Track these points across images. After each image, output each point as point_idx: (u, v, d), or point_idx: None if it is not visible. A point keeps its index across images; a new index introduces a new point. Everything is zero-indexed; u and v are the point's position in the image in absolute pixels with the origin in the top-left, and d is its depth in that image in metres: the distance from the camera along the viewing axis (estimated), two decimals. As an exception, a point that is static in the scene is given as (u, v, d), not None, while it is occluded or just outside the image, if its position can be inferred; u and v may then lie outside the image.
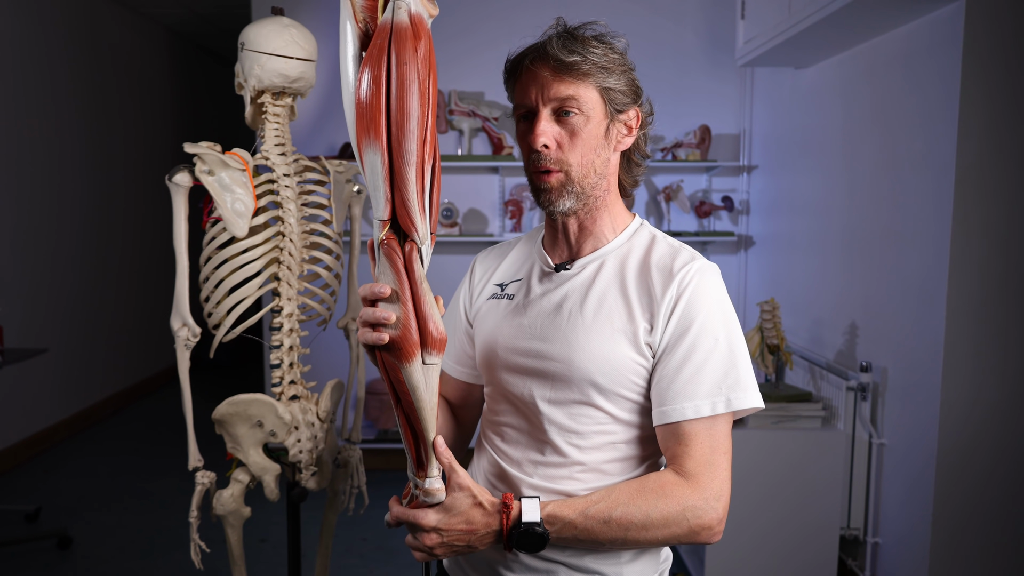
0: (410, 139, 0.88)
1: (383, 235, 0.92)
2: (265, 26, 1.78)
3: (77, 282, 4.73)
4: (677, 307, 1.06)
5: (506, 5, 3.87)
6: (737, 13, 3.15)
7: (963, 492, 2.23)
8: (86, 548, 3.11)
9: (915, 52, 2.39)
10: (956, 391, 2.20)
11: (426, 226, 0.92)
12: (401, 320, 0.92)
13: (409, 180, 0.89)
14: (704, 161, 3.82)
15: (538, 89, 1.08)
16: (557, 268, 1.16)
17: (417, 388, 0.94)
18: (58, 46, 4.51)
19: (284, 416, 1.77)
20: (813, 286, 3.15)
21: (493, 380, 1.18)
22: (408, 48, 0.87)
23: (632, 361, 1.07)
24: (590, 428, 1.09)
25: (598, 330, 1.08)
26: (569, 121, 1.08)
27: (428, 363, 0.94)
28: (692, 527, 1.01)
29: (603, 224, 1.15)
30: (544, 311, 1.13)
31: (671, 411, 1.04)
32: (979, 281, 2.18)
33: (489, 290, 1.22)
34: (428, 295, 0.94)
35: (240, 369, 5.92)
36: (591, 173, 1.10)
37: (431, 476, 0.99)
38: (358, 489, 2.05)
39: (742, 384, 1.05)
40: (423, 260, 0.94)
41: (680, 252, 1.12)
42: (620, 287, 1.11)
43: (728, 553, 2.57)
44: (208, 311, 1.78)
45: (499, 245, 1.29)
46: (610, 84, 1.09)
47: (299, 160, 1.86)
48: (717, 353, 1.05)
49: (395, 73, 0.87)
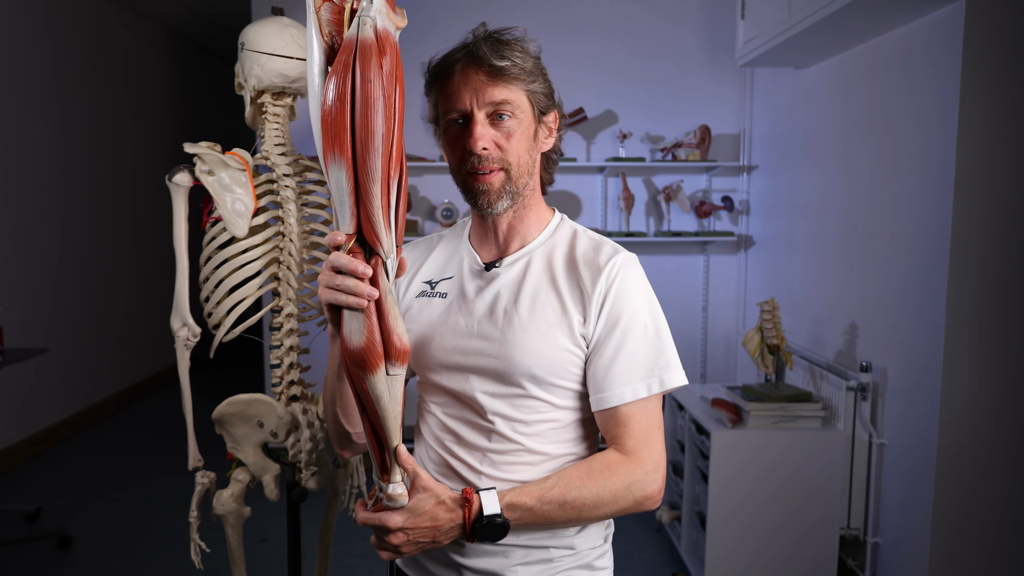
0: (375, 156, 0.88)
1: (348, 249, 0.93)
2: (265, 26, 1.79)
3: (77, 282, 4.73)
4: (607, 299, 1.12)
5: (506, 5, 3.87)
6: (737, 13, 3.15)
7: (963, 492, 2.23)
8: (86, 548, 3.11)
9: (915, 52, 2.39)
10: (956, 391, 2.20)
11: (391, 240, 0.94)
12: (366, 333, 0.93)
13: (374, 196, 0.90)
14: (704, 161, 3.82)
15: (472, 94, 1.11)
16: (487, 267, 1.20)
17: (381, 398, 0.96)
18: (60, 46, 4.51)
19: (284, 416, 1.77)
20: (813, 286, 3.15)
21: (431, 377, 1.20)
22: (373, 65, 0.87)
23: (568, 352, 1.13)
24: (533, 416, 1.14)
25: (534, 326, 1.13)
26: (504, 124, 1.12)
27: (392, 374, 0.95)
28: (636, 499, 1.10)
29: (529, 222, 1.20)
30: (479, 310, 1.17)
31: (610, 396, 1.11)
32: (979, 281, 2.18)
33: (417, 287, 1.24)
34: (393, 308, 0.95)
35: (240, 369, 5.92)
36: (524, 173, 1.15)
37: (394, 481, 1.01)
38: (358, 489, 2.05)
39: (671, 365, 1.13)
40: (388, 273, 0.95)
41: (603, 246, 1.18)
42: (551, 282, 1.16)
43: (728, 553, 2.57)
44: (208, 311, 1.78)
45: (421, 239, 1.31)
46: (535, 88, 1.14)
47: (299, 160, 1.86)
48: (647, 339, 1.13)
49: (359, 90, 0.87)
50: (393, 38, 0.89)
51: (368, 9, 0.87)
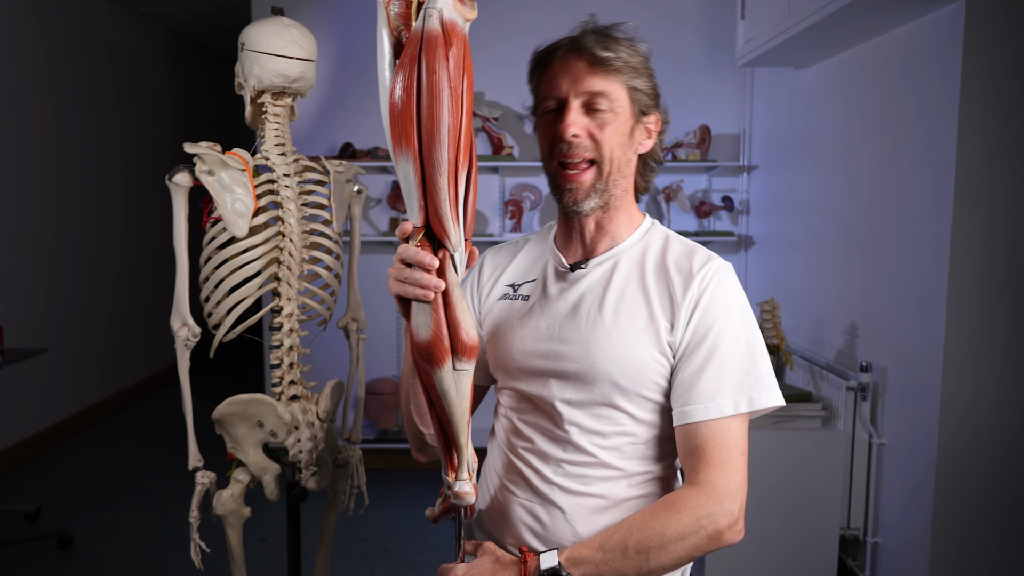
0: (440, 148, 0.87)
1: (417, 241, 0.93)
2: (265, 26, 1.78)
3: (77, 282, 4.73)
4: (698, 308, 1.06)
5: (506, 5, 3.87)
6: (737, 13, 3.15)
7: (963, 492, 2.23)
8: (86, 548, 3.11)
9: (915, 52, 2.39)
10: (956, 391, 2.20)
11: (459, 233, 0.92)
12: (432, 327, 0.93)
13: (440, 188, 0.89)
14: (704, 161, 3.82)
15: (570, 81, 1.08)
16: (572, 267, 1.15)
17: (448, 393, 0.95)
18: (58, 46, 4.51)
19: (284, 416, 1.77)
20: (813, 286, 3.15)
21: (509, 381, 1.17)
22: (438, 56, 0.86)
23: (654, 361, 1.07)
24: (611, 429, 1.09)
25: (619, 330, 1.08)
26: (599, 115, 1.08)
27: (459, 369, 0.94)
28: (709, 534, 1.00)
29: (619, 223, 1.15)
30: (561, 312, 1.13)
31: (693, 411, 1.04)
32: (979, 281, 2.18)
33: (500, 290, 1.21)
34: (461, 301, 0.94)
35: (240, 369, 5.92)
36: (616, 170, 1.10)
37: (461, 479, 1.00)
38: (358, 489, 2.05)
39: (763, 383, 1.05)
40: (456, 267, 0.94)
41: (697, 251, 1.12)
42: (639, 286, 1.10)
43: (728, 553, 2.57)
44: (208, 311, 1.78)
45: (508, 243, 1.28)
46: (638, 85, 1.10)
47: (299, 160, 1.86)
48: (738, 353, 1.05)
49: (425, 82, 0.86)
50: (461, 29, 0.88)
51: (434, 1, 0.86)
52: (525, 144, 3.94)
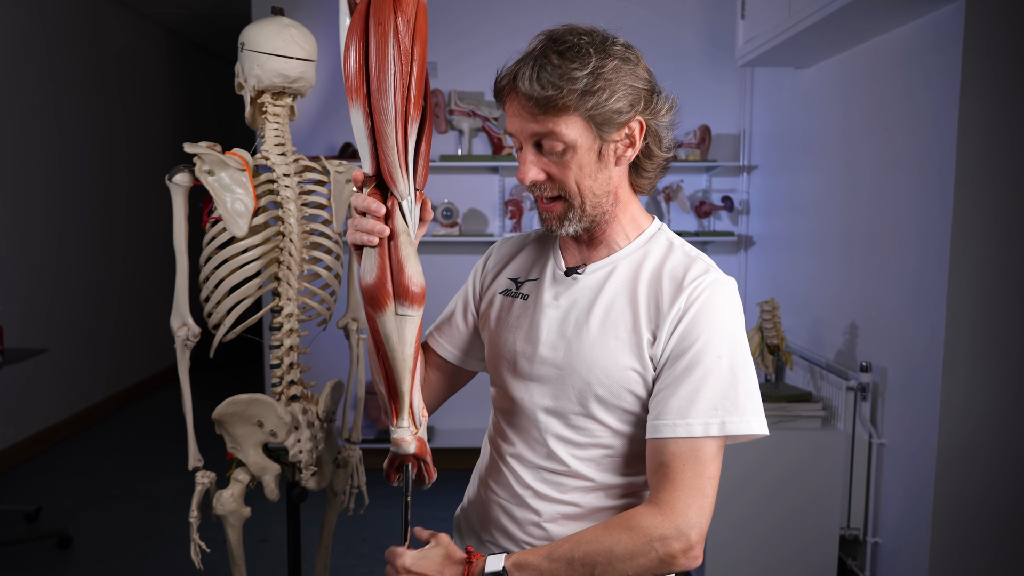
0: (387, 97, 0.91)
1: (369, 190, 0.96)
2: (265, 26, 1.78)
3: (77, 282, 4.73)
4: (683, 320, 1.02)
5: (506, 5, 3.87)
6: (737, 13, 3.15)
7: (963, 492, 2.23)
8: (86, 548, 3.11)
9: (915, 52, 2.39)
10: (956, 391, 2.20)
11: (407, 182, 0.95)
12: (376, 271, 0.95)
13: (388, 136, 0.92)
14: (704, 161, 3.82)
15: (518, 124, 1.03)
16: (568, 272, 1.13)
17: (390, 337, 0.97)
18: (59, 46, 4.51)
19: (284, 416, 1.77)
20: (813, 286, 3.15)
21: (499, 380, 1.17)
22: (385, 9, 0.90)
23: (633, 372, 1.04)
24: (588, 440, 1.08)
25: (602, 340, 1.06)
26: (554, 155, 1.02)
27: (400, 314, 0.96)
28: (661, 556, 0.96)
29: (615, 232, 1.11)
30: (553, 316, 1.12)
31: (662, 426, 1.00)
32: (979, 281, 2.18)
33: (502, 283, 1.21)
34: (407, 248, 0.96)
35: (240, 369, 5.92)
36: (590, 196, 1.05)
37: (400, 426, 1.02)
38: (358, 489, 2.05)
39: (740, 407, 0.99)
40: (405, 215, 0.96)
41: (695, 263, 1.06)
42: (629, 295, 1.07)
43: (728, 553, 2.57)
44: (208, 311, 1.78)
45: (518, 235, 1.27)
46: (599, 108, 0.99)
47: (299, 160, 1.86)
48: (718, 372, 1.00)
49: (373, 34, 0.90)
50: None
51: None
52: (525, 144, 3.94)
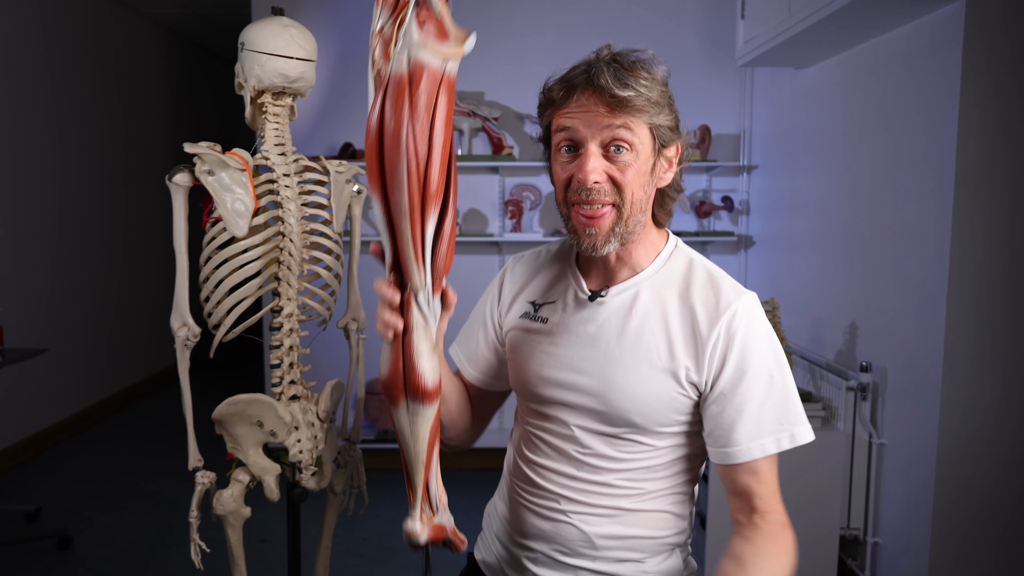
0: (400, 192, 0.86)
1: (389, 279, 0.92)
2: (265, 26, 1.78)
3: (77, 282, 4.73)
4: (731, 348, 1.05)
5: (506, 5, 3.87)
6: (737, 13, 3.15)
7: (963, 492, 2.23)
8: (86, 548, 3.11)
9: (915, 52, 2.39)
10: (956, 391, 2.20)
11: (423, 275, 0.90)
12: (390, 365, 0.92)
13: (403, 231, 0.88)
14: (704, 161, 3.82)
15: (588, 123, 1.02)
16: (592, 296, 1.12)
17: (402, 432, 0.94)
18: (58, 46, 4.51)
19: (284, 416, 1.77)
20: (813, 286, 3.15)
21: (528, 401, 1.17)
22: (400, 99, 0.84)
23: (673, 400, 1.06)
24: (627, 455, 1.09)
25: (636, 367, 1.06)
26: (620, 158, 1.03)
27: (412, 412, 0.93)
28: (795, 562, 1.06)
29: (639, 253, 1.12)
30: (579, 342, 1.11)
31: (737, 452, 1.05)
32: (979, 281, 2.18)
33: (520, 307, 1.20)
34: (421, 344, 0.92)
35: (240, 369, 5.92)
36: (637, 211, 1.06)
37: (411, 516, 0.99)
38: (358, 489, 2.05)
39: (799, 418, 1.06)
40: (422, 308, 0.92)
41: (722, 285, 1.09)
42: (660, 320, 1.08)
43: (728, 553, 2.57)
44: (208, 311, 1.78)
45: (529, 254, 1.25)
46: (659, 120, 1.04)
47: (299, 160, 1.86)
48: (775, 391, 1.05)
49: (388, 125, 0.85)
50: (436, 69, 0.85)
51: (402, 42, 0.84)
52: (525, 144, 3.94)
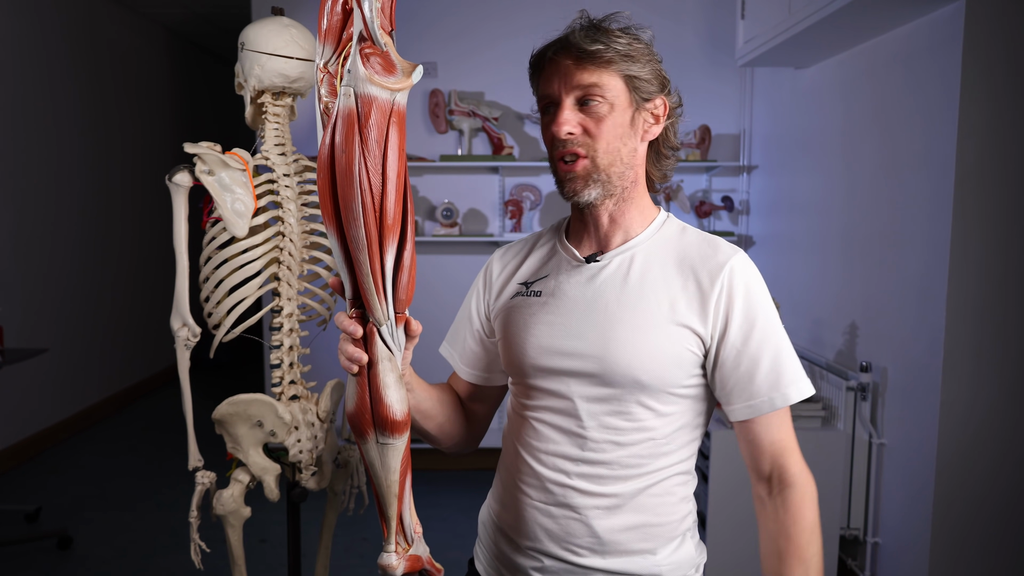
0: (356, 226, 0.85)
1: (350, 312, 0.92)
2: (265, 26, 1.79)
3: (77, 282, 4.73)
4: (735, 300, 1.07)
5: (506, 5, 3.87)
6: (737, 13, 3.15)
7: (963, 492, 2.23)
8: (86, 548, 3.11)
9: (915, 52, 2.39)
10: (956, 391, 2.20)
11: (384, 308, 0.90)
12: (356, 399, 0.92)
13: (361, 264, 0.87)
14: (704, 161, 3.82)
15: (560, 79, 1.07)
16: (587, 260, 1.13)
17: (373, 465, 0.94)
18: (57, 46, 4.51)
19: (284, 416, 1.77)
20: (813, 286, 3.15)
21: (525, 379, 1.15)
22: (350, 134, 0.83)
23: (676, 354, 1.07)
24: (631, 425, 1.09)
25: (638, 324, 1.07)
26: (593, 109, 1.06)
27: (382, 443, 0.93)
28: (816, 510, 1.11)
29: (632, 217, 1.14)
30: (578, 307, 1.11)
31: (759, 405, 1.07)
32: (979, 281, 2.18)
33: (512, 289, 1.19)
34: (387, 376, 0.92)
35: (240, 369, 5.92)
36: (617, 161, 1.08)
37: (386, 551, 0.99)
38: (358, 489, 2.05)
39: (801, 371, 1.09)
40: (386, 341, 0.92)
41: (719, 243, 1.12)
42: (661, 277, 1.09)
43: (728, 553, 2.57)
44: (208, 311, 1.78)
45: (516, 243, 1.26)
46: (635, 72, 1.07)
47: (299, 160, 1.86)
48: (784, 340, 1.09)
49: (339, 160, 0.84)
50: (382, 101, 0.84)
51: (348, 78, 0.83)
52: (525, 144, 3.94)
